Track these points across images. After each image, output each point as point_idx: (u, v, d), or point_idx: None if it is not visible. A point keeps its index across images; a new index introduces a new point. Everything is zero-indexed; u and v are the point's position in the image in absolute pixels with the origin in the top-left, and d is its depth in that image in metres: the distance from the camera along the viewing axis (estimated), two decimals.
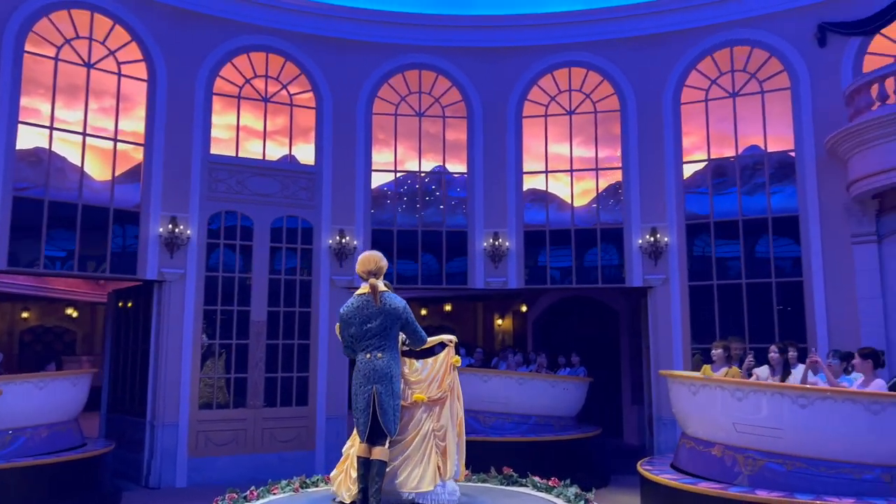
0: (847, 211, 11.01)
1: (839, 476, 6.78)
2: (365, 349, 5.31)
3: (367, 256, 5.46)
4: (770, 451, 7.09)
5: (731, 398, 7.42)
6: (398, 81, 13.38)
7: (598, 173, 13.03)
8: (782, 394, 7.12)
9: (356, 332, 5.35)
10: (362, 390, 5.28)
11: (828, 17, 11.45)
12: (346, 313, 5.37)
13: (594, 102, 13.13)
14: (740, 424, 7.29)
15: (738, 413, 7.32)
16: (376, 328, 5.29)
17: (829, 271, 11.14)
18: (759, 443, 7.16)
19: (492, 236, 12.90)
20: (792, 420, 6.97)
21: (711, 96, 12.43)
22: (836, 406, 6.80)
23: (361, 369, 5.30)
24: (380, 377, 5.27)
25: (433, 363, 5.92)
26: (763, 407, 7.17)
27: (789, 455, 6.99)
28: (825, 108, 11.38)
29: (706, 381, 7.90)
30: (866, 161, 10.30)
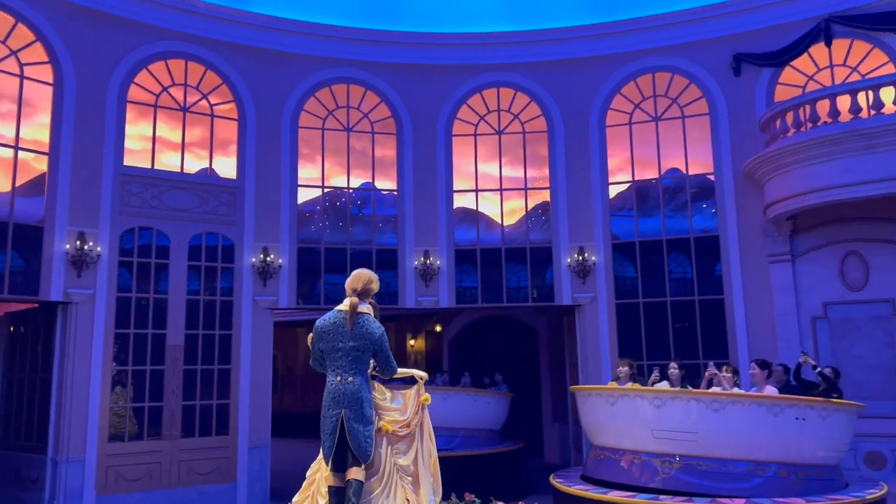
0: (764, 232, 11.57)
1: (746, 473, 7.54)
2: (335, 370, 5.01)
3: (359, 274, 5.15)
4: (686, 454, 7.67)
5: (650, 406, 7.94)
6: (325, 95, 13.00)
7: (527, 193, 13.12)
8: (698, 400, 7.78)
9: (326, 348, 5.04)
10: (330, 413, 4.97)
11: (742, 49, 12.09)
12: (320, 326, 5.04)
13: (522, 123, 13.26)
14: (658, 431, 7.77)
15: (657, 420, 7.83)
16: (348, 350, 4.99)
17: (748, 289, 11.66)
18: (676, 447, 7.71)
19: (422, 255, 12.69)
20: (706, 424, 7.60)
21: (635, 120, 12.82)
22: (744, 409, 7.57)
23: (331, 391, 4.99)
24: (349, 401, 4.95)
25: (403, 399, 5.64)
26: (680, 413, 7.75)
27: (703, 457, 7.61)
28: (742, 133, 11.97)
29: (626, 392, 8.31)
30: (782, 185, 10.88)
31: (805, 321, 11.22)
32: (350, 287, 5.14)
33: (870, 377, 10.76)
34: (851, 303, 10.97)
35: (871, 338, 10.80)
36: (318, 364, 5.20)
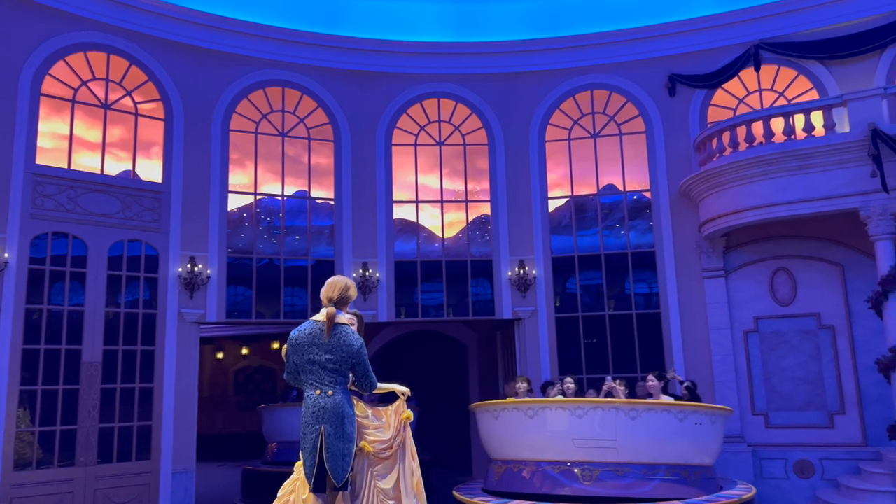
0: (698, 248, 11.90)
1: (655, 475, 8.11)
2: (312, 383, 4.73)
3: (334, 281, 4.91)
4: (605, 462, 8.11)
5: (571, 416, 8.29)
6: (259, 98, 12.39)
7: (468, 205, 12.96)
8: (617, 409, 8.27)
9: (300, 361, 4.74)
10: (310, 429, 4.66)
11: (677, 70, 12.46)
12: (295, 338, 4.77)
13: (463, 135, 13.11)
14: (579, 440, 8.12)
15: (578, 429, 8.18)
16: (324, 363, 4.69)
17: (683, 304, 11.93)
18: (596, 455, 8.10)
19: (361, 267, 12.25)
20: (623, 431, 8.10)
21: (574, 136, 12.94)
22: (657, 416, 8.21)
23: (310, 406, 4.69)
24: (330, 416, 4.64)
25: (384, 416, 5.29)
26: (600, 421, 8.21)
27: (621, 462, 8.08)
28: (677, 152, 12.31)
29: (547, 404, 8.61)
30: (719, 202, 11.22)
31: (738, 335, 11.59)
32: (325, 296, 4.89)
33: (797, 389, 11.21)
34: (781, 317, 11.42)
35: (799, 351, 11.27)
36: (293, 378, 4.88)
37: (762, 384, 11.37)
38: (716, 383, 11.50)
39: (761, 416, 11.33)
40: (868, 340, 10.84)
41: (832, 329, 11.11)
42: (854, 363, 10.93)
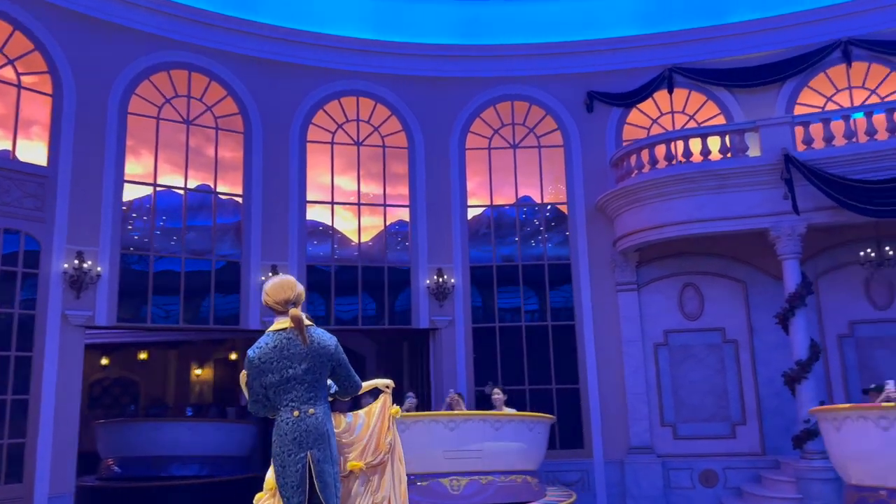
0: (613, 262, 12.12)
1: (512, 482, 8.69)
2: (289, 403, 3.97)
3: (283, 282, 4.14)
4: (471, 472, 8.42)
5: (444, 429, 8.54)
6: (163, 80, 11.29)
7: (386, 210, 12.47)
8: (484, 420, 8.83)
9: (275, 381, 3.95)
10: (293, 459, 3.91)
11: (595, 87, 12.71)
12: (260, 357, 3.96)
13: (383, 137, 12.64)
14: (449, 451, 8.42)
15: (449, 442, 8.44)
16: (303, 374, 3.95)
17: (597, 316, 12.08)
18: (464, 465, 8.40)
19: (270, 270, 11.41)
20: (489, 442, 8.56)
21: (494, 145, 12.85)
22: (517, 426, 8.94)
23: (289, 431, 3.93)
24: (316, 439, 3.94)
25: (366, 417, 4.72)
26: (470, 434, 8.58)
27: (485, 471, 8.47)
28: (593, 167, 12.51)
29: (419, 417, 8.84)
30: (635, 218, 11.49)
31: (649, 348, 11.89)
32: (280, 299, 4.06)
33: (704, 401, 11.65)
34: (689, 331, 11.85)
35: (705, 364, 11.72)
36: (261, 405, 4.08)
37: (671, 396, 11.71)
38: (628, 395, 11.71)
39: (669, 427, 11.66)
40: (767, 354, 11.46)
41: (735, 343, 11.66)
42: (755, 376, 11.51)
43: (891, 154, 9.83)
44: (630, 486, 11.41)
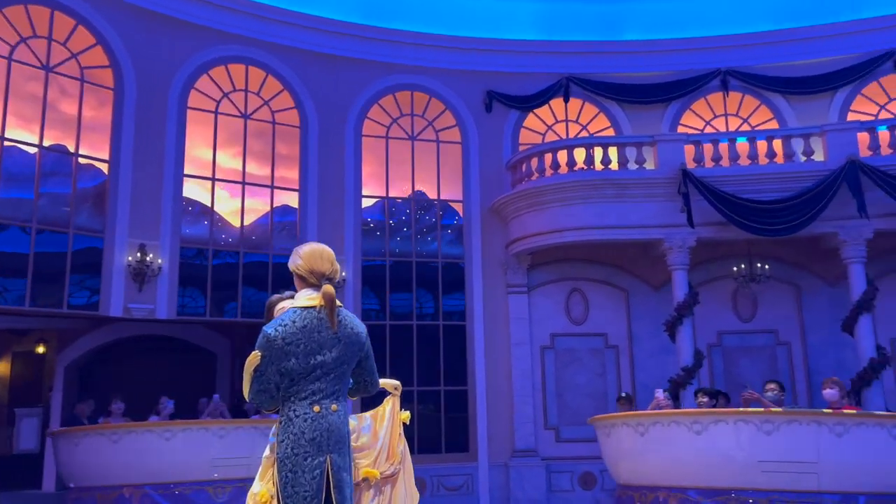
0: (505, 264, 12.03)
1: None
2: (309, 396, 3.26)
3: (323, 251, 3.43)
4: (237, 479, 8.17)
5: (214, 437, 8.52)
6: (19, 17, 9.45)
7: (274, 193, 11.42)
8: (255, 427, 8.58)
9: (298, 368, 3.25)
10: (310, 464, 3.20)
11: (495, 87, 12.60)
12: (284, 337, 3.21)
13: (273, 112, 11.58)
14: (219, 459, 8.36)
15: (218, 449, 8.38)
16: (332, 363, 3.28)
17: (488, 317, 11.92)
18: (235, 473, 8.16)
19: (138, 249, 9.96)
20: (259, 450, 8.55)
21: (392, 135, 12.28)
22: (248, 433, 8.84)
23: (306, 430, 3.22)
24: (337, 441, 3.28)
25: (372, 421, 4.11)
26: (244, 441, 8.42)
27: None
28: (490, 168, 12.36)
29: (188, 425, 8.69)
30: (531, 222, 11.49)
31: (536, 351, 11.93)
32: (317, 270, 3.36)
33: (585, 403, 11.88)
34: (574, 335, 12.05)
35: (588, 368, 11.98)
36: (270, 397, 3.32)
37: (555, 399, 11.83)
38: (515, 398, 11.66)
39: (553, 430, 11.76)
40: (645, 360, 11.94)
41: (617, 349, 12.04)
42: (633, 380, 11.95)
43: (774, 177, 10.64)
44: (514, 490, 11.33)
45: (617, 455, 8.46)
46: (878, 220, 10.21)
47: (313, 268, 3.34)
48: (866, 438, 7.06)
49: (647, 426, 7.80)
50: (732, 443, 7.25)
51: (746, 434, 7.20)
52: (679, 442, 7.53)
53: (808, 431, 7.10)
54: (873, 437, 7.08)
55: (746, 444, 7.17)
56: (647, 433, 7.78)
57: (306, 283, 3.33)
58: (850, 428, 7.08)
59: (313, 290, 3.29)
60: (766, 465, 7.01)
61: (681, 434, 7.52)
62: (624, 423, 8.21)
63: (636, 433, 7.91)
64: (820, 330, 11.63)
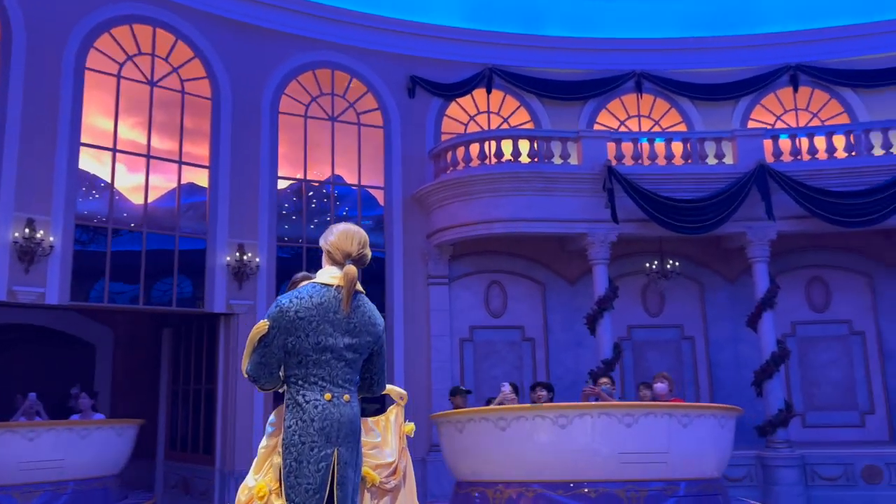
0: (426, 254, 11.74)
1: (90, 489, 8.49)
2: (319, 382, 3.00)
3: (355, 233, 3.22)
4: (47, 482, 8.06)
5: (23, 440, 8.08)
6: None
7: (182, 170, 10.44)
8: (70, 429, 8.48)
9: (306, 346, 2.98)
10: (316, 455, 2.96)
11: (418, 73, 12.25)
12: (297, 310, 3.00)
13: (182, 81, 10.59)
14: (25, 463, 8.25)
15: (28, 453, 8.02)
16: (344, 349, 3.03)
17: (408, 308, 11.58)
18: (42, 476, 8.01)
19: (26, 225, 8.76)
20: (72, 450, 8.27)
21: (311, 114, 11.61)
22: (106, 433, 8.79)
23: (316, 417, 2.97)
24: (347, 434, 3.03)
25: (376, 429, 3.78)
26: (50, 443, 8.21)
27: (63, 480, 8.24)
28: (412, 155, 12.01)
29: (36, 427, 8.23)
30: (457, 212, 11.28)
31: (455, 343, 11.73)
32: (345, 249, 3.16)
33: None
34: (493, 328, 11.97)
35: (506, 360, 11.94)
36: (269, 372, 3.05)
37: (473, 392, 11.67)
38: (433, 390, 11.41)
39: None
40: (559, 353, 12.08)
41: (533, 341, 12.09)
42: (548, 373, 12.03)
43: (689, 178, 11.05)
44: (431, 486, 11.07)
45: (467, 451, 7.87)
46: (781, 222, 10.86)
47: (341, 246, 3.15)
48: (706, 428, 7.43)
49: (509, 421, 7.41)
50: (595, 436, 7.16)
51: (608, 427, 7.17)
52: (542, 436, 7.27)
53: (661, 423, 7.22)
54: (710, 427, 7.49)
55: (608, 437, 7.14)
56: (508, 428, 7.40)
57: (332, 261, 3.15)
58: (694, 419, 7.38)
59: (337, 269, 3.09)
60: (625, 456, 7.04)
61: (545, 428, 7.28)
62: (483, 418, 7.72)
63: (496, 428, 7.48)
64: (721, 325, 12.25)
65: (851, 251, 12.06)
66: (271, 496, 3.21)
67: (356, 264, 3.15)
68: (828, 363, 11.99)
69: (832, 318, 12.14)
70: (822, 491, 10.39)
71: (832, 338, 12.08)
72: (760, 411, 10.99)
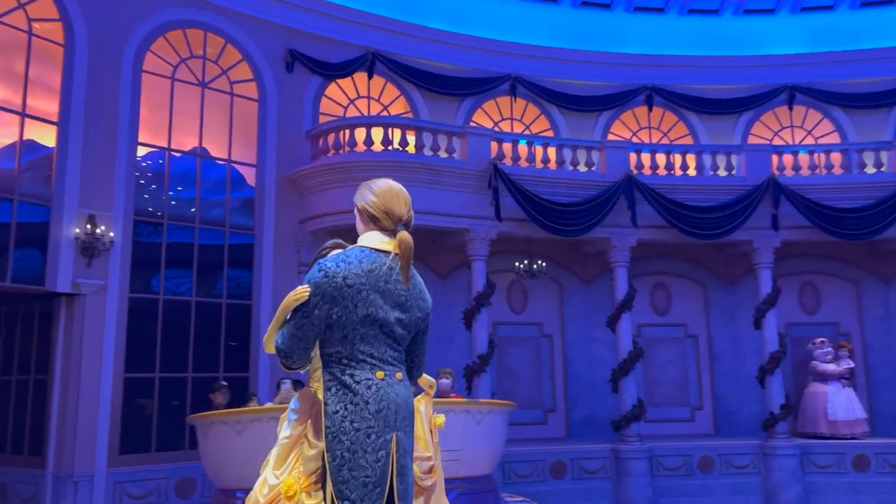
0: (299, 241, 11.07)
1: None
2: (368, 360, 2.66)
3: (400, 191, 2.91)
4: None
5: None
6: None
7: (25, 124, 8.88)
8: None
9: (353, 318, 2.62)
10: (374, 443, 2.61)
11: (298, 47, 11.52)
12: (345, 275, 2.63)
13: (30, 20, 9.03)
14: None
15: None
16: (395, 324, 2.70)
17: (277, 298, 10.80)
18: None
19: None
20: None
21: (179, 76, 10.46)
22: None
23: (371, 399, 2.62)
24: (405, 418, 2.74)
25: None
26: None
27: None
28: (289, 134, 11.26)
29: None
30: (337, 198, 10.72)
31: None
32: (394, 212, 2.82)
33: None
34: None
35: None
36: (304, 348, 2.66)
37: None
38: None
39: None
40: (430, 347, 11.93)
41: None
42: None
43: (564, 182, 11.48)
44: None
45: (215, 457, 7.28)
46: (643, 230, 11.63)
47: (390, 208, 2.81)
48: (494, 424, 7.73)
49: (245, 424, 6.80)
50: None
51: None
52: None
53: (459, 420, 7.12)
54: (498, 424, 7.82)
55: None
56: (244, 432, 6.76)
57: (377, 226, 2.80)
58: (486, 416, 7.60)
59: (385, 235, 2.76)
60: None
61: None
62: (222, 421, 7.12)
63: (234, 432, 6.88)
64: (576, 324, 12.88)
65: (689, 261, 13.24)
66: (301, 496, 2.75)
67: (407, 228, 2.82)
68: (666, 363, 13.06)
69: (671, 322, 13.26)
70: (665, 481, 11.27)
71: (671, 340, 13.20)
72: (611, 407, 11.70)
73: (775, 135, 14.04)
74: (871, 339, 12.91)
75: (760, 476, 11.40)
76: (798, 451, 11.37)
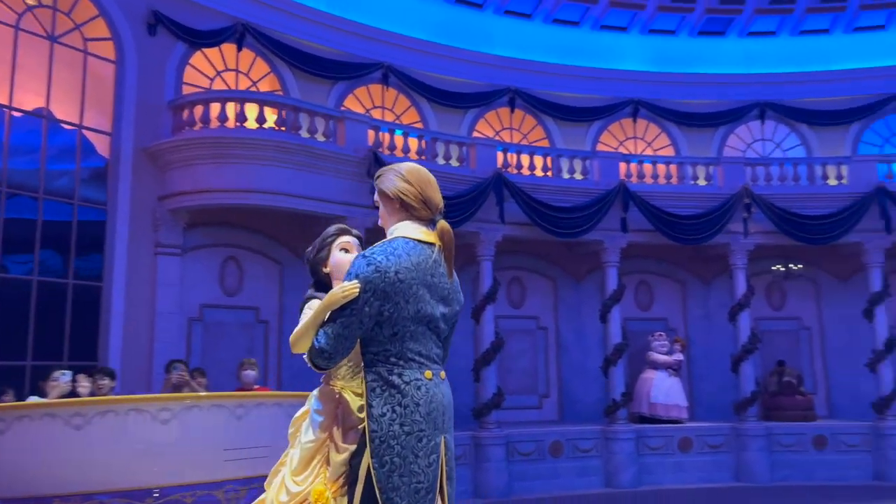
0: (157, 219, 10.22)
1: None
2: (416, 358, 2.57)
3: (430, 175, 2.79)
4: None
5: None
6: None
7: None
8: None
9: (405, 315, 2.53)
10: (426, 447, 2.54)
11: (162, 9, 10.60)
12: (397, 270, 2.51)
13: None
14: None
15: None
16: (440, 319, 2.64)
17: (131, 280, 9.92)
18: None
19: None
20: None
21: (25, 26, 9.21)
22: None
23: (421, 400, 2.55)
24: (450, 419, 2.71)
25: None
26: None
27: None
28: (148, 103, 10.32)
29: None
30: (196, 177, 10.05)
31: (184, 322, 10.44)
32: (432, 200, 2.72)
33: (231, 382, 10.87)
34: (226, 307, 10.92)
35: (237, 344, 10.92)
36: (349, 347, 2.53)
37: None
38: (154, 373, 9.96)
39: None
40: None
41: (267, 324, 11.37)
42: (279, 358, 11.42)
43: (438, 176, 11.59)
44: None
45: (25, 457, 5.74)
46: (510, 226, 12.09)
47: (428, 196, 2.69)
48: None
49: (89, 417, 5.67)
50: (205, 431, 5.75)
51: (217, 420, 5.75)
52: (138, 434, 5.59)
53: (271, 414, 5.99)
54: None
55: (216, 432, 5.76)
56: (88, 425, 5.67)
57: (411, 215, 2.66)
58: (297, 408, 7.51)
59: (422, 225, 2.64)
60: (230, 453, 5.72)
61: (142, 424, 5.58)
62: (49, 413, 5.86)
63: (70, 427, 5.70)
64: None
65: (543, 258, 13.98)
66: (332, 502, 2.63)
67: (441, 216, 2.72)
68: (518, 353, 13.68)
69: (525, 314, 13.92)
70: (520, 465, 11.84)
71: (524, 331, 13.85)
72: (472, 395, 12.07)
73: (620, 144, 15.23)
74: (693, 335, 14.41)
75: (602, 458, 12.33)
76: (634, 434, 12.45)
